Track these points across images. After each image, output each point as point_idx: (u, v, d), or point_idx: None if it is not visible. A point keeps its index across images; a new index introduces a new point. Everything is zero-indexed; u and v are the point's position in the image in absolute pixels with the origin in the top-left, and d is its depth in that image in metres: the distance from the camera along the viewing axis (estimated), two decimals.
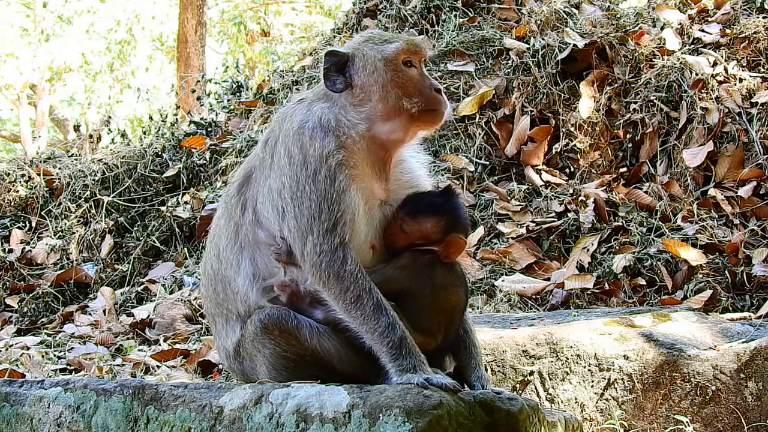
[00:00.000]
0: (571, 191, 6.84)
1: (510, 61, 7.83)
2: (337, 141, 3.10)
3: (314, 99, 3.27)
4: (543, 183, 7.05)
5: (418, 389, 2.78)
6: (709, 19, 7.81)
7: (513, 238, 6.42)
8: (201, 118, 9.29)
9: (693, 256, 5.79)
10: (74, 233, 8.09)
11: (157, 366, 5.39)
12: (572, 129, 7.32)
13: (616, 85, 7.42)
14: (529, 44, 7.88)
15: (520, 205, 6.82)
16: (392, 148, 3.27)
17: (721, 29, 7.58)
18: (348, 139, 3.12)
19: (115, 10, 26.05)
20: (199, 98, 10.36)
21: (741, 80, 7.00)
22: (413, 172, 3.41)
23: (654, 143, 7.06)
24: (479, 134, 7.42)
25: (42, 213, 8.53)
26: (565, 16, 8.23)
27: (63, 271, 7.67)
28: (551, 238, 6.44)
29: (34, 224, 8.48)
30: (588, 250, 6.18)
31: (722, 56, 7.24)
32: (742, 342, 4.13)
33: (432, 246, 3.20)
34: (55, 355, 5.86)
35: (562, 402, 4.09)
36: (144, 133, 9.91)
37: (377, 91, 3.20)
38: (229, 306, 3.24)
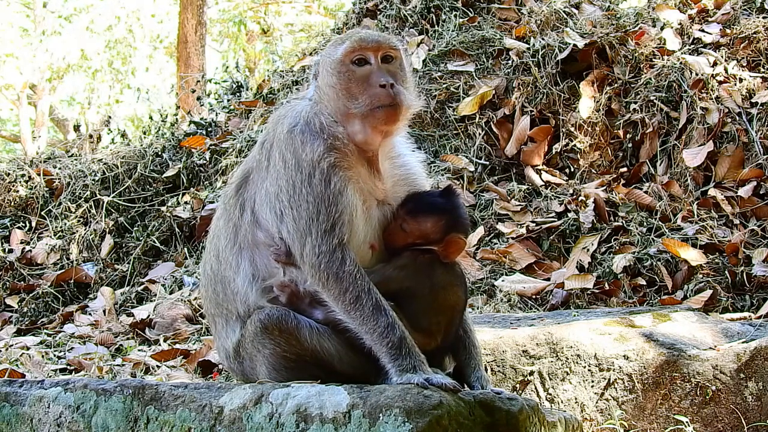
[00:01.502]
0: (571, 191, 6.84)
1: (510, 61, 7.82)
2: (326, 144, 3.10)
3: (301, 100, 3.30)
4: (543, 183, 7.05)
5: (418, 389, 2.77)
6: (709, 19, 7.80)
7: (513, 238, 6.42)
8: (201, 118, 9.28)
9: (693, 256, 5.79)
10: (74, 233, 8.08)
11: (157, 366, 5.39)
12: (572, 129, 7.32)
13: (616, 85, 7.42)
14: (529, 44, 7.87)
15: (520, 205, 6.82)
16: (367, 149, 3.22)
17: (721, 29, 7.58)
18: (337, 141, 3.12)
19: (113, 8, 26.05)
20: (199, 98, 10.36)
21: (741, 80, 7.00)
22: (407, 167, 3.39)
23: (654, 143, 7.06)
24: (479, 134, 7.42)
25: (42, 213, 8.52)
26: (565, 16, 8.22)
27: (63, 271, 7.67)
28: (551, 238, 6.44)
29: (34, 224, 8.47)
30: (588, 250, 6.17)
31: (722, 56, 7.24)
32: (742, 342, 4.13)
33: (432, 246, 3.20)
34: (55, 355, 5.86)
35: (562, 402, 4.09)
36: (144, 133, 9.90)
37: (329, 93, 3.20)
38: (229, 306, 3.24)
